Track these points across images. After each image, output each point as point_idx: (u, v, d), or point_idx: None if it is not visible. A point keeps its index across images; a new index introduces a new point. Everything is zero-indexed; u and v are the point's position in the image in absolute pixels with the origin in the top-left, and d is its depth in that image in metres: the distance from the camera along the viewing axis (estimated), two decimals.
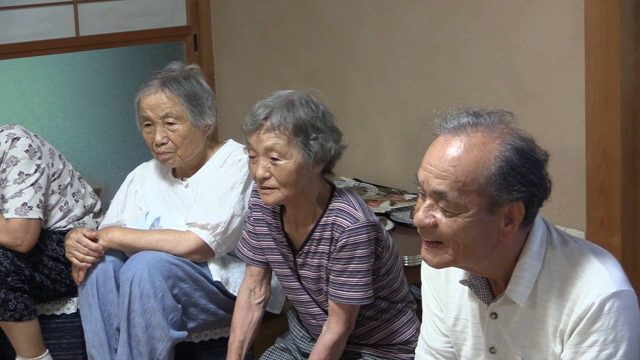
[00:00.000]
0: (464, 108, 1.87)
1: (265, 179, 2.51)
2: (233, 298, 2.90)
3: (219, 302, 3.02)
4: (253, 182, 2.89)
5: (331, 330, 2.57)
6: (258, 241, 2.73)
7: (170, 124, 3.00)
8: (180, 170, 3.14)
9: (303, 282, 2.66)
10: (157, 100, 3.00)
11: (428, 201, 1.82)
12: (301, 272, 2.65)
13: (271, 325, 3.06)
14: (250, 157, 2.55)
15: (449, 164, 1.78)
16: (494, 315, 1.93)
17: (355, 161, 3.98)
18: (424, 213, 1.82)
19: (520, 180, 1.79)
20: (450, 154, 1.79)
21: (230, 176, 2.99)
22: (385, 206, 3.49)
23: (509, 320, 1.92)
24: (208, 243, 2.95)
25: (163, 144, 3.01)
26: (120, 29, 4.34)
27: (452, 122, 1.83)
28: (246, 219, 2.79)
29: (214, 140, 3.20)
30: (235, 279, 3.02)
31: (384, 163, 3.89)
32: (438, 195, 1.80)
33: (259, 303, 2.80)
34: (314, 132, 2.49)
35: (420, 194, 1.86)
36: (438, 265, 1.87)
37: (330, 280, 2.56)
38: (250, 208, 2.75)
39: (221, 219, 2.95)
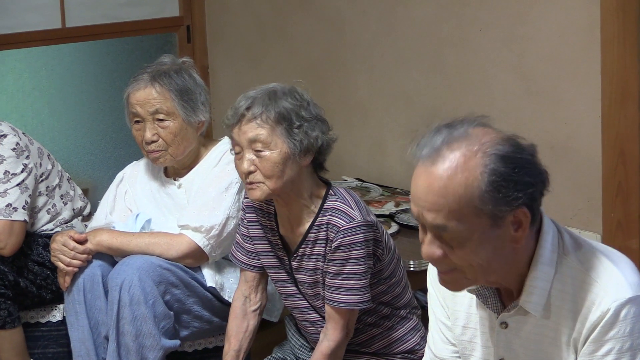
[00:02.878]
0: (434, 125, 1.81)
1: (250, 172, 2.53)
2: (228, 305, 2.90)
3: (214, 309, 3.02)
4: None
5: (328, 337, 2.57)
6: (252, 244, 2.74)
7: (161, 120, 3.00)
8: (173, 170, 3.14)
9: (299, 286, 2.67)
10: (146, 95, 3.00)
11: (429, 235, 1.81)
12: (297, 276, 2.65)
13: (268, 334, 3.06)
14: (236, 153, 2.57)
15: (438, 196, 1.75)
16: (504, 325, 1.93)
17: (358, 160, 3.99)
18: (430, 247, 1.80)
19: (516, 188, 1.75)
20: (435, 185, 1.75)
21: (226, 176, 2.99)
22: (389, 207, 3.49)
23: (520, 329, 1.92)
24: (202, 246, 2.96)
25: (153, 141, 3.01)
26: (108, 20, 4.34)
27: (426, 146, 1.78)
28: (239, 222, 2.79)
29: (208, 138, 3.20)
30: (231, 284, 3.02)
31: (388, 162, 3.89)
32: (438, 229, 1.79)
33: (255, 310, 2.80)
34: (297, 121, 2.51)
35: (420, 225, 1.84)
36: (459, 290, 1.87)
37: (326, 284, 2.56)
38: (243, 210, 2.75)
39: (216, 221, 2.95)
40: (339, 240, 2.51)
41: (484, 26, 3.45)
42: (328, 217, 2.54)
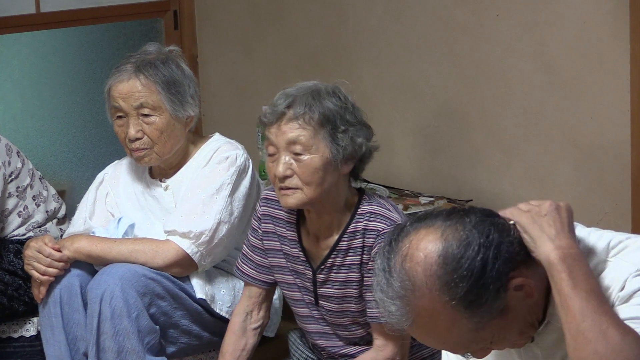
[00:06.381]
0: (373, 283, 1.84)
1: (286, 177, 2.52)
2: (219, 318, 2.90)
3: (203, 322, 3.02)
4: (256, 187, 2.97)
5: (380, 355, 2.58)
6: (266, 258, 2.73)
7: (146, 115, 3.00)
8: (159, 170, 3.14)
9: (322, 302, 2.65)
10: (130, 88, 3.00)
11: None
12: (322, 290, 2.64)
13: (266, 350, 3.06)
14: (269, 155, 2.57)
15: (442, 344, 1.82)
16: (531, 338, 1.94)
17: None
18: (482, 356, 1.87)
19: (490, 286, 1.74)
20: (430, 341, 1.81)
21: (216, 176, 2.99)
22: None
23: (545, 339, 1.92)
24: (190, 254, 2.95)
25: (137, 138, 3.01)
26: (87, 4, 4.34)
27: (391, 313, 1.79)
28: (251, 232, 2.78)
29: (197, 135, 3.20)
30: (222, 296, 3.02)
31: (395, 161, 3.89)
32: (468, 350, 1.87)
33: (256, 328, 2.80)
34: (342, 125, 2.52)
35: None
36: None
37: (367, 299, 2.56)
38: (258, 219, 2.74)
39: (206, 226, 2.95)
40: (379, 245, 2.50)
41: (501, 11, 3.45)
42: (364, 222, 2.56)
